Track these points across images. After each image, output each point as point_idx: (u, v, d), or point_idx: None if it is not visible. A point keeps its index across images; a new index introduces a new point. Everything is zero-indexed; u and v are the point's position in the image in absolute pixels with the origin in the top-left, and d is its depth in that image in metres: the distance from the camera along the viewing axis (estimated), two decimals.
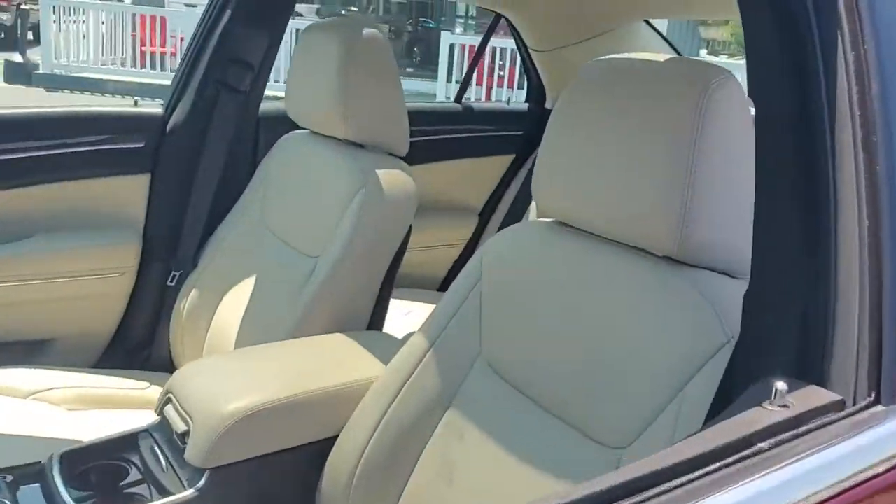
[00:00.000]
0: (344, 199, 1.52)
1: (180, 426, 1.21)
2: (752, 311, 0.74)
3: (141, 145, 1.85)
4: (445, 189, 2.39)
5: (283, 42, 1.97)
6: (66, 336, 1.85)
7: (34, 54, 9.74)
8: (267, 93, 1.98)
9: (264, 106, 1.98)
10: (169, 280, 1.86)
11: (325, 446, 1.23)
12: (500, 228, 2.38)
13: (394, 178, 1.55)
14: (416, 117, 2.35)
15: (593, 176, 1.02)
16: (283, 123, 1.79)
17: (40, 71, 9.67)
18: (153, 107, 1.90)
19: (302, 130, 1.75)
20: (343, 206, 1.51)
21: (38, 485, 1.16)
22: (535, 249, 1.14)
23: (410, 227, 1.58)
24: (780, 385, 0.63)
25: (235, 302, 1.69)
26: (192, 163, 1.87)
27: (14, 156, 1.71)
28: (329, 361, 1.35)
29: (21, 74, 9.55)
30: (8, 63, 9.68)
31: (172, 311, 1.84)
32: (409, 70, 12.92)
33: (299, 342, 1.42)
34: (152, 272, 1.89)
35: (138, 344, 1.90)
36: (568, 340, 1.04)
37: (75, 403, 1.66)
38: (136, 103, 1.94)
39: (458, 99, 2.44)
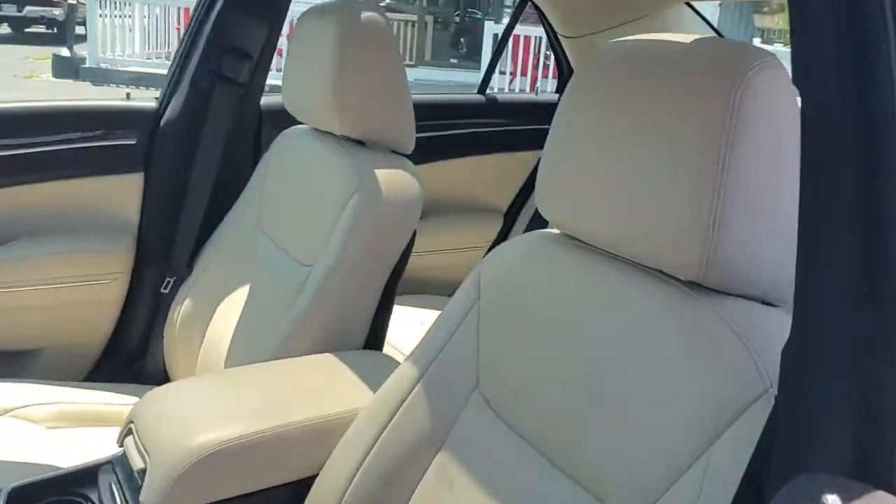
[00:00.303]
0: (338, 202, 1.36)
1: (138, 462, 1.07)
2: (792, 374, 0.56)
3: (133, 142, 1.72)
4: (467, 187, 2.22)
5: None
6: (54, 347, 1.74)
7: (81, 49, 9.84)
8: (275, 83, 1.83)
9: (268, 99, 1.84)
10: (163, 287, 1.73)
11: (301, 488, 1.08)
12: (527, 229, 2.20)
13: (395, 179, 1.39)
14: (435, 110, 2.20)
15: (602, 182, 0.85)
16: (288, 118, 1.65)
17: (87, 65, 9.75)
18: (146, 101, 1.77)
19: (301, 125, 1.60)
20: (338, 210, 1.36)
21: None
22: (539, 267, 0.97)
23: (415, 232, 1.42)
24: (831, 499, 0.44)
25: (229, 313, 1.56)
26: (187, 160, 1.73)
27: None
28: (312, 388, 1.20)
29: (68, 68, 9.66)
30: (56, 57, 9.80)
31: (166, 320, 1.71)
32: (454, 61, 12.74)
33: (282, 364, 1.27)
34: (146, 278, 1.76)
35: (131, 355, 1.78)
36: (573, 379, 0.87)
37: (57, 421, 1.53)
38: (127, 97, 1.81)
39: (483, 90, 2.26)
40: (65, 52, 9.82)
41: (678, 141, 0.77)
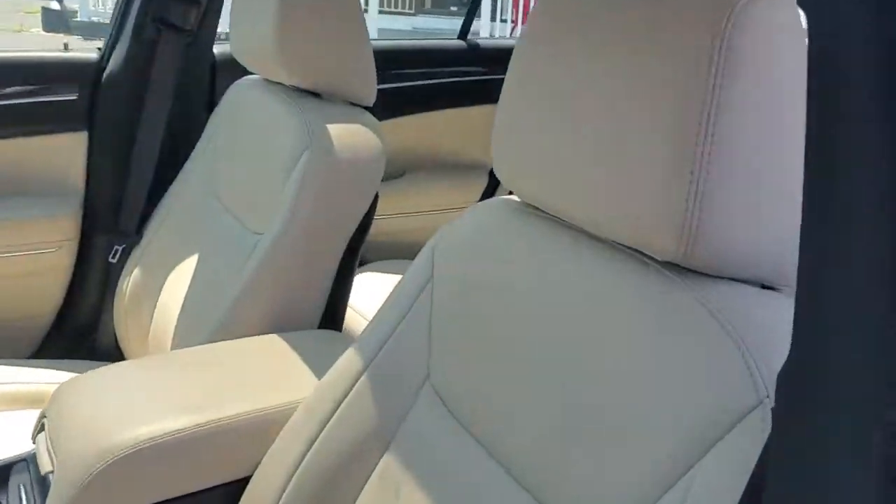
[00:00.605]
0: (288, 161, 1.21)
1: (46, 465, 0.94)
2: (791, 395, 0.42)
3: (74, 97, 1.57)
4: (448, 142, 2.05)
5: None
6: (1, 321, 1.61)
7: (72, 2, 9.59)
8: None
9: (223, 48, 1.67)
10: (111, 255, 1.59)
11: (235, 490, 0.95)
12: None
13: (351, 135, 1.23)
14: (409, 57, 2.03)
15: (563, 140, 0.70)
16: (244, 69, 1.48)
17: (78, 18, 9.51)
18: (87, 51, 1.61)
19: (254, 75, 1.44)
20: (286, 171, 1.21)
21: None
22: (495, 243, 0.82)
23: (377, 195, 1.27)
24: None
25: (177, 285, 1.42)
26: (133, 117, 1.58)
27: None
28: (251, 376, 1.06)
29: (59, 22, 9.41)
30: (45, 10, 9.54)
31: (115, 291, 1.57)
32: (454, 8, 12.38)
33: (222, 347, 1.13)
34: (94, 246, 1.62)
35: (82, 329, 1.64)
36: (536, 375, 0.73)
37: (3, 404, 1.42)
38: (65, 47, 1.65)
39: (463, 35, 2.08)
40: (55, 4, 9.58)
41: (654, 90, 0.62)
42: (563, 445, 0.69)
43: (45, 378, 1.49)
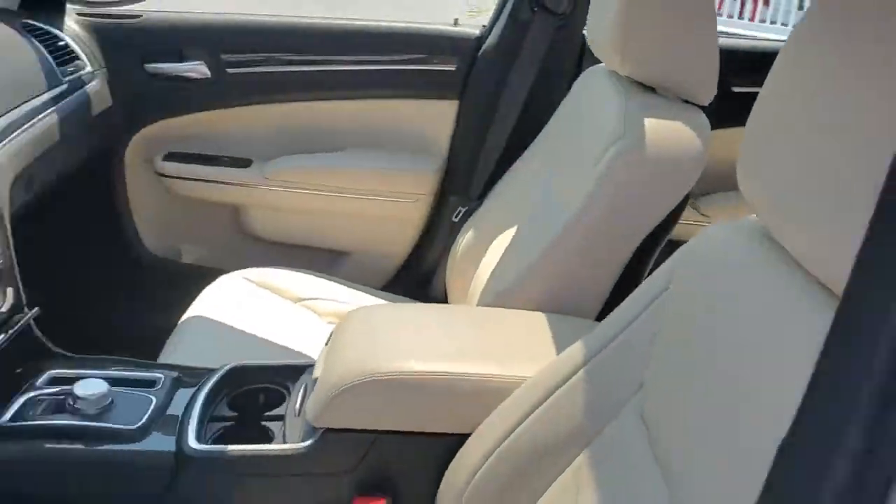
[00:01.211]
0: (599, 149, 1.20)
1: (317, 371, 1.09)
2: None
3: (453, 68, 1.74)
4: None
5: None
6: (361, 253, 1.87)
7: None
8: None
9: None
10: (455, 215, 1.75)
11: (453, 443, 1.01)
12: None
13: (671, 132, 1.17)
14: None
15: (821, 167, 0.60)
16: None
17: None
18: (472, 28, 1.76)
19: (601, 65, 1.45)
20: (597, 158, 1.20)
21: (192, 389, 1.16)
22: (728, 272, 0.74)
23: (686, 198, 1.20)
24: None
25: (495, 252, 1.51)
26: (498, 92, 1.69)
27: (324, 68, 1.73)
28: (502, 342, 1.10)
29: None
30: None
31: (452, 248, 1.73)
32: None
33: (494, 312, 1.19)
34: (445, 205, 1.79)
35: (423, 276, 1.84)
36: (732, 412, 0.65)
37: (335, 318, 1.66)
38: (455, 22, 1.82)
39: None
40: None
41: None
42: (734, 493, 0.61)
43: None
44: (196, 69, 1.75)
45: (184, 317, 1.50)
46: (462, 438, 1.00)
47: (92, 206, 1.81)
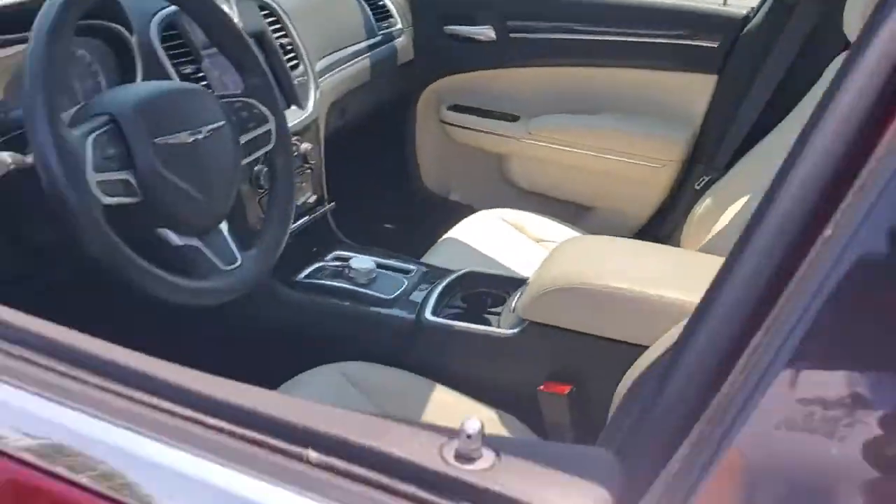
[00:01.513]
0: None
1: (532, 277, 1.31)
2: None
3: (715, 45, 1.84)
4: None
5: None
6: (604, 209, 2.05)
7: None
8: None
9: None
10: (697, 183, 1.86)
11: (633, 353, 1.17)
12: None
13: None
14: None
15: None
16: None
17: None
18: (738, 8, 1.84)
19: None
20: None
21: (436, 280, 1.44)
22: None
23: None
24: None
25: (730, 220, 1.61)
26: (756, 69, 1.77)
27: (596, 38, 1.92)
28: (698, 277, 1.23)
29: None
30: None
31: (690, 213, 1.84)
32: None
33: (702, 257, 1.32)
34: (690, 172, 1.91)
35: (659, 239, 1.96)
36: None
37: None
38: (725, 2, 1.90)
39: None
40: None
41: None
42: None
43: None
44: (484, 32, 2.04)
45: (444, 236, 1.79)
46: (643, 349, 1.16)
47: (387, 141, 2.19)
